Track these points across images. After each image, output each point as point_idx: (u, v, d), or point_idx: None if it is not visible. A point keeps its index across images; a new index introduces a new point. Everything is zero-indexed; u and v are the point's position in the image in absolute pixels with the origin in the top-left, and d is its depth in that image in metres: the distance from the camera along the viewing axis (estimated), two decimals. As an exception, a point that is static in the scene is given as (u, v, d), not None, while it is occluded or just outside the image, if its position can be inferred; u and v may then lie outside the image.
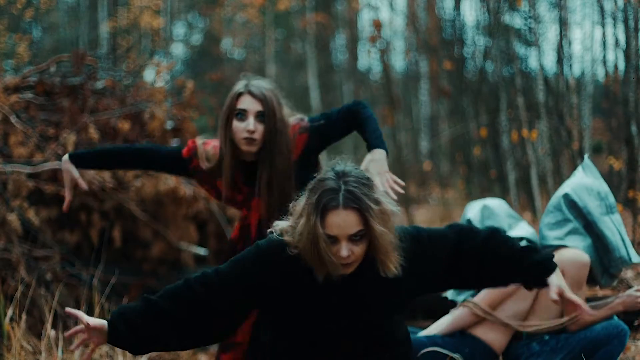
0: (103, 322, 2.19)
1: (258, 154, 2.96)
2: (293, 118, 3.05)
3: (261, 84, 2.96)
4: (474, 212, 3.41)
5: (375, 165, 2.80)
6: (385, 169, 2.79)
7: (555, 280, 2.30)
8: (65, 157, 3.07)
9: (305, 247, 2.13)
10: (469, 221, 3.41)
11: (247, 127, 2.89)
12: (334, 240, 2.10)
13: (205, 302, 2.19)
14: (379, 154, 2.83)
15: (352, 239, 2.10)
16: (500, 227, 3.30)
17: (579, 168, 3.29)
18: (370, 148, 2.88)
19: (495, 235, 2.36)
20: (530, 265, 2.33)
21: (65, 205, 3.10)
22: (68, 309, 2.20)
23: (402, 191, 2.69)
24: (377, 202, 2.12)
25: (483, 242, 2.33)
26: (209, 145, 3.08)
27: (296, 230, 2.15)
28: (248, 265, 2.22)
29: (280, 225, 2.26)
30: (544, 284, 2.35)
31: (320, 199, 2.09)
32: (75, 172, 3.05)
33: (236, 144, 2.95)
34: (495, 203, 3.42)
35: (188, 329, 2.19)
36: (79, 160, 3.08)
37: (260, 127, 2.91)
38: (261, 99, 2.90)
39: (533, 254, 2.35)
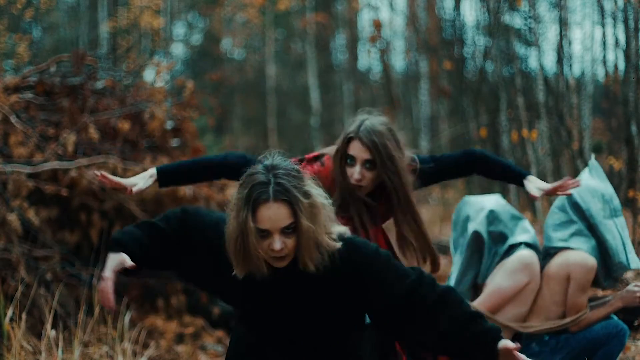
0: (117, 260, 2.19)
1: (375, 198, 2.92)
2: (407, 158, 2.96)
3: (374, 126, 2.83)
4: (479, 218, 3.35)
5: (539, 184, 2.92)
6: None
7: (506, 344, 2.13)
8: (152, 171, 2.88)
9: (231, 241, 2.12)
10: (468, 217, 3.38)
11: (354, 176, 2.82)
12: (266, 234, 2.08)
13: (182, 230, 2.31)
14: (534, 178, 2.95)
15: (284, 231, 2.08)
16: (503, 233, 3.28)
17: (585, 169, 3.27)
18: (522, 178, 2.96)
19: (449, 296, 2.20)
20: (474, 333, 2.16)
21: (102, 175, 2.82)
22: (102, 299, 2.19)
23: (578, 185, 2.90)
24: (307, 194, 2.10)
25: (436, 300, 2.19)
26: (326, 173, 2.96)
27: (227, 224, 2.15)
28: (210, 230, 2.28)
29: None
30: (493, 354, 2.15)
31: (251, 193, 2.08)
32: (141, 184, 2.84)
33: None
34: (499, 206, 3.36)
35: (177, 249, 2.31)
36: (165, 177, 2.90)
37: (368, 175, 2.84)
38: (370, 147, 2.80)
39: (481, 322, 2.17)
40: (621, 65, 5.80)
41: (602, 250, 3.12)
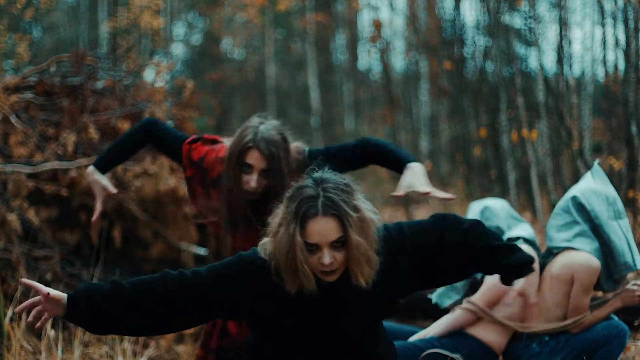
0: (62, 295, 2.14)
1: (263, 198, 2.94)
2: (294, 147, 3.01)
3: (271, 135, 2.89)
4: (474, 212, 3.41)
5: (418, 179, 2.84)
6: (428, 183, 2.84)
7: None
8: (91, 168, 3.07)
9: (281, 255, 2.10)
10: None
11: (250, 183, 2.89)
12: (315, 248, 2.07)
13: (174, 301, 2.17)
14: (418, 167, 2.90)
15: (334, 245, 2.07)
16: (499, 227, 3.31)
17: (588, 173, 3.29)
18: (404, 164, 2.91)
19: (476, 228, 2.29)
20: (505, 265, 2.29)
21: (95, 217, 3.09)
22: (23, 280, 2.13)
23: (454, 198, 2.76)
24: (357, 209, 2.09)
25: (464, 233, 2.27)
26: (211, 156, 3.04)
27: (276, 239, 2.12)
28: (225, 277, 2.20)
29: (264, 241, 2.24)
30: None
31: (300, 207, 2.07)
32: (104, 180, 3.06)
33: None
34: (497, 204, 3.41)
35: (149, 321, 2.18)
36: (104, 166, 3.09)
37: (263, 182, 2.91)
38: (267, 156, 2.87)
39: (511, 253, 2.28)
40: (621, 65, 5.79)
41: (607, 251, 3.13)
